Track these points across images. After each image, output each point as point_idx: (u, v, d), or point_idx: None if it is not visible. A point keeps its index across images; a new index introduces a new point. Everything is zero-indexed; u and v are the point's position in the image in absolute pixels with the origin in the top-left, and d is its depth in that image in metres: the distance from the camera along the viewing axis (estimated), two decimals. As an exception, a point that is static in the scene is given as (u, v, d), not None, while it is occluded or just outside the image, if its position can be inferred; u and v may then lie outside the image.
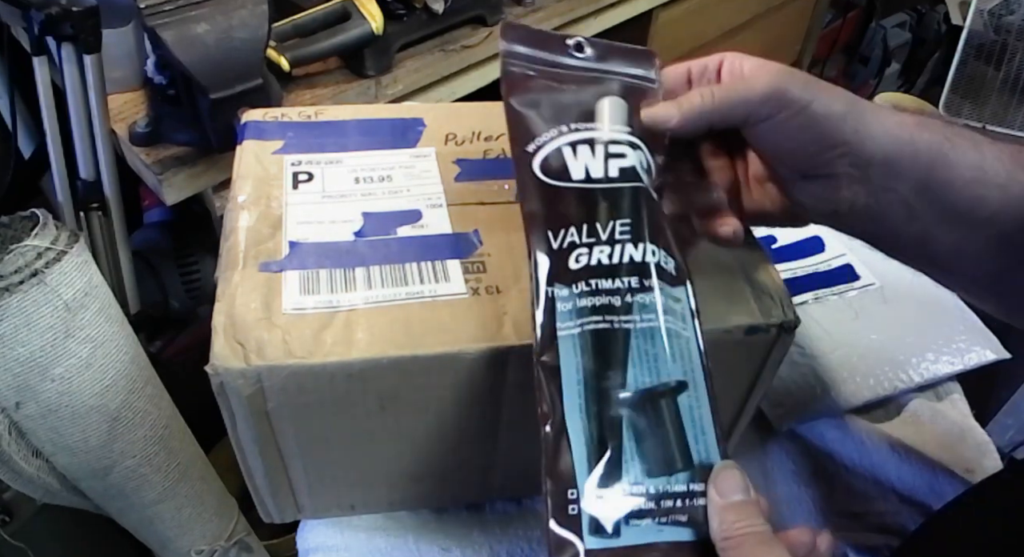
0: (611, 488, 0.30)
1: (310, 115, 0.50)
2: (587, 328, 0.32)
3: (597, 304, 0.33)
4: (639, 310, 0.33)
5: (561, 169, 0.36)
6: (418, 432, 0.42)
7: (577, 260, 0.34)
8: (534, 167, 0.36)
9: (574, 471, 0.30)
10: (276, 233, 0.41)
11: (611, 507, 0.30)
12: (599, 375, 0.32)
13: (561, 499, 0.30)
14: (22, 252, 0.55)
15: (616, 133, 0.37)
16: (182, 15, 0.69)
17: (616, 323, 0.32)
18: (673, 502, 0.30)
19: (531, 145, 0.37)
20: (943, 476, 0.57)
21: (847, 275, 0.68)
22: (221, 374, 0.35)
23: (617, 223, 0.34)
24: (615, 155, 0.36)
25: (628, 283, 0.33)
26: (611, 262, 0.33)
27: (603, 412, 0.31)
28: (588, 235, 0.34)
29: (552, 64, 0.39)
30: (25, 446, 0.63)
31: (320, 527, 0.50)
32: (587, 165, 0.36)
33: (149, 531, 0.76)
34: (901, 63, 2.08)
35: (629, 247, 0.34)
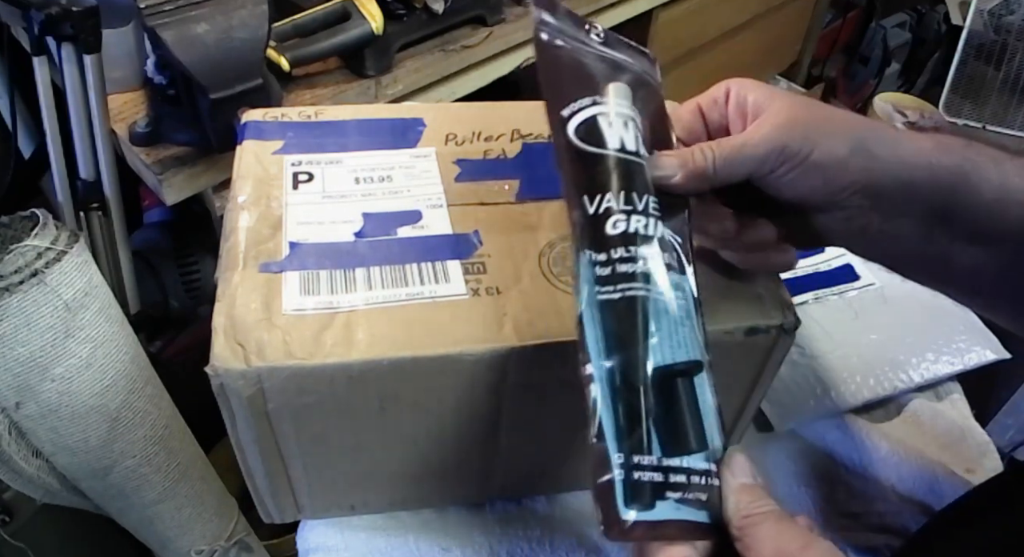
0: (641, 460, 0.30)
1: (310, 115, 0.49)
2: (627, 293, 0.32)
3: (636, 271, 0.32)
4: (672, 287, 0.33)
5: (596, 137, 0.36)
6: (418, 433, 0.42)
7: (615, 226, 0.33)
8: (569, 132, 0.36)
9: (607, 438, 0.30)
10: (276, 233, 0.41)
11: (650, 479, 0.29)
12: (629, 343, 0.31)
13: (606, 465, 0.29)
14: (22, 252, 0.55)
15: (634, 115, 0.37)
16: (182, 15, 0.69)
17: (651, 291, 0.32)
18: (690, 479, 0.30)
19: (566, 109, 0.36)
20: (943, 476, 0.57)
21: (847, 275, 0.68)
22: (221, 375, 0.35)
23: (649, 197, 0.34)
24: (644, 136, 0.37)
25: (660, 256, 0.33)
26: (647, 233, 0.33)
27: (628, 383, 0.31)
28: (625, 203, 0.34)
29: (576, 39, 0.39)
30: (25, 446, 0.63)
31: (320, 527, 0.50)
32: (622, 137, 0.36)
33: (149, 531, 0.76)
34: (901, 63, 2.08)
35: (659, 224, 0.34)
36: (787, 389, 0.59)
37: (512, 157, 0.48)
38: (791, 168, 0.35)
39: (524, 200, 0.45)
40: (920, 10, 2.06)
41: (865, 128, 0.36)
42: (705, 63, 1.48)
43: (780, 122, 0.36)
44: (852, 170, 0.35)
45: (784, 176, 0.36)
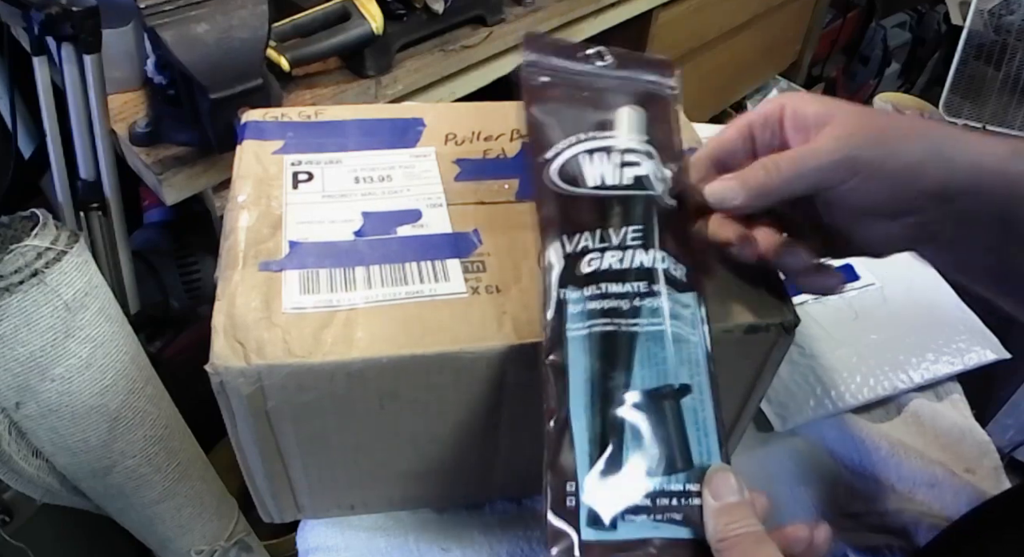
0: (610, 483, 0.31)
1: (310, 115, 0.50)
2: (595, 330, 0.33)
3: (606, 307, 0.34)
4: (647, 314, 0.34)
5: (577, 175, 0.37)
6: (418, 432, 0.42)
7: (589, 264, 0.35)
8: (551, 174, 0.37)
9: (575, 465, 0.31)
10: (276, 233, 0.41)
11: (609, 501, 0.30)
12: (605, 375, 0.33)
13: (560, 491, 0.30)
14: (22, 252, 0.55)
15: (633, 142, 0.38)
16: (182, 15, 0.69)
17: (623, 326, 0.33)
18: (670, 500, 0.31)
19: (549, 152, 0.38)
20: (943, 476, 0.57)
21: (847, 275, 0.68)
22: (221, 373, 0.35)
23: (629, 229, 0.35)
24: (630, 163, 0.37)
25: (636, 288, 0.34)
26: (621, 266, 0.34)
27: (607, 411, 0.32)
28: (601, 240, 0.35)
29: (572, 72, 0.40)
30: (25, 446, 0.63)
31: (320, 527, 0.50)
32: (602, 172, 0.37)
33: (149, 531, 0.76)
34: (901, 63, 2.09)
35: (639, 253, 0.35)
36: (787, 389, 0.59)
37: (512, 157, 0.48)
38: (863, 179, 0.34)
39: (524, 199, 0.45)
40: (920, 10, 2.06)
41: (939, 133, 0.35)
42: (705, 63, 1.48)
43: (850, 131, 0.34)
44: (928, 176, 0.34)
45: (857, 187, 0.34)
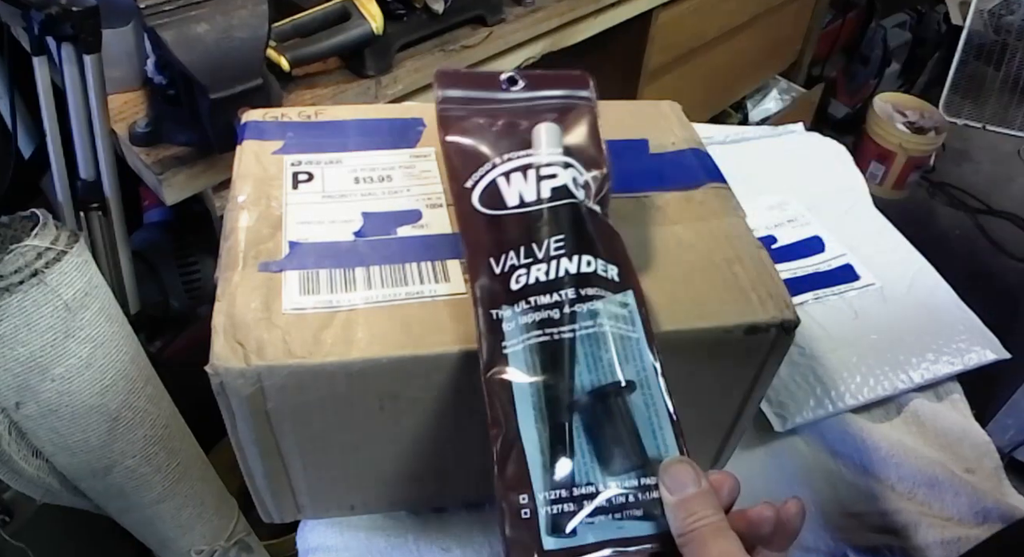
0: (566, 490, 0.31)
1: (310, 115, 0.49)
2: (530, 342, 0.34)
3: (538, 319, 0.34)
4: (581, 318, 0.34)
5: (497, 198, 0.38)
6: (418, 432, 0.42)
7: (517, 281, 0.35)
8: (473, 201, 0.39)
9: (528, 476, 0.31)
10: (276, 233, 0.41)
11: (566, 507, 0.31)
12: (548, 384, 0.33)
13: (515, 505, 0.31)
14: (22, 252, 0.55)
15: (550, 156, 0.39)
16: (182, 15, 0.69)
17: (557, 334, 0.34)
18: (627, 498, 0.31)
19: (469, 181, 0.39)
20: (943, 476, 0.57)
21: (847, 275, 0.68)
22: (221, 374, 0.35)
23: (551, 240, 0.36)
24: (546, 177, 0.38)
25: (565, 295, 0.35)
26: (548, 278, 0.35)
27: (555, 418, 0.32)
28: (526, 256, 0.36)
29: (487, 101, 0.42)
30: (25, 446, 0.63)
31: (320, 527, 0.50)
32: (520, 191, 0.38)
33: (149, 531, 0.76)
34: (901, 63, 2.09)
35: (564, 261, 0.35)
36: (787, 389, 0.59)
37: (512, 157, 0.48)
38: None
39: (524, 200, 0.45)
40: (920, 10, 2.06)
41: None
42: (705, 63, 1.48)
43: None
44: None
45: None
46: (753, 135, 0.85)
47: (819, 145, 0.85)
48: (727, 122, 1.74)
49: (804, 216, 0.73)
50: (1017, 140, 1.90)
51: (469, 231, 0.39)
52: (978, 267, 1.77)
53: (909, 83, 2.13)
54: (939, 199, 1.96)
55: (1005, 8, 1.72)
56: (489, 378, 0.34)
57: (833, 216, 0.74)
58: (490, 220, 0.38)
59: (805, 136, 0.86)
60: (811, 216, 0.73)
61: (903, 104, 1.91)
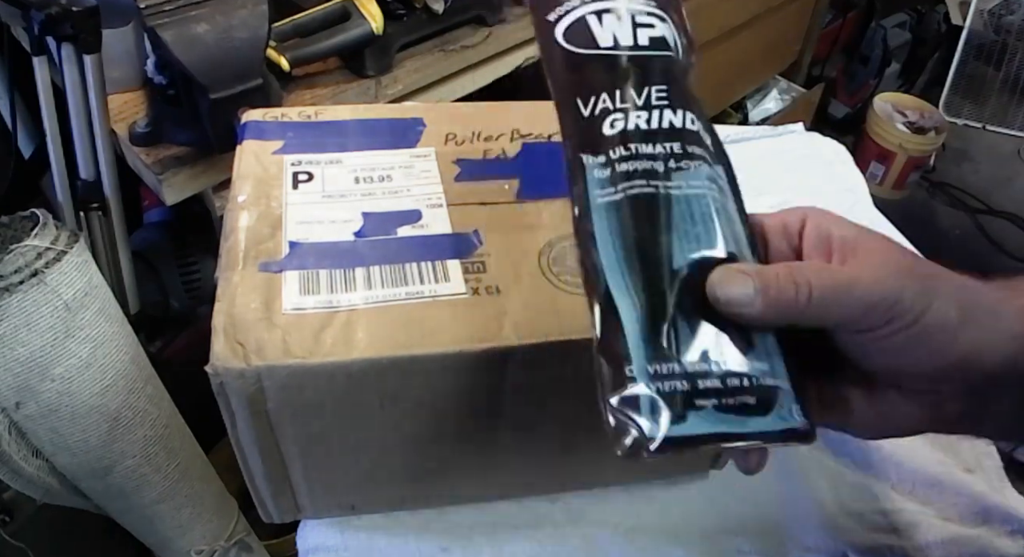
0: (672, 366, 0.28)
1: (310, 115, 0.49)
2: (629, 193, 0.30)
3: (639, 168, 0.30)
4: (683, 177, 0.31)
5: (587, 37, 0.33)
6: (418, 432, 0.42)
7: (612, 126, 0.31)
8: (557, 36, 0.34)
9: (628, 348, 0.28)
10: (276, 233, 0.41)
11: (675, 387, 0.27)
12: (643, 244, 0.30)
13: (619, 378, 0.27)
14: (22, 252, 0.55)
15: (645, 4, 0.35)
16: (182, 15, 0.69)
17: (661, 188, 0.30)
18: (741, 381, 0.28)
19: (552, 13, 0.34)
20: (943, 476, 0.57)
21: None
22: (221, 374, 0.35)
23: (653, 89, 0.32)
24: (644, 25, 0.34)
25: (670, 148, 0.31)
26: (650, 126, 0.31)
27: (653, 285, 0.29)
28: (622, 100, 0.32)
29: None
30: (25, 446, 0.63)
31: (320, 527, 0.50)
32: (615, 32, 0.33)
33: (149, 531, 0.76)
34: (901, 63, 2.09)
35: (668, 112, 0.32)
36: (787, 389, 0.59)
37: (512, 157, 0.48)
38: (900, 328, 0.28)
39: (524, 200, 0.45)
40: (920, 10, 2.06)
41: (970, 289, 0.30)
42: (705, 63, 1.48)
43: (894, 268, 0.29)
44: (962, 344, 0.29)
45: (885, 336, 0.29)
46: (753, 135, 0.85)
47: (819, 145, 0.84)
48: (727, 122, 1.74)
49: (804, 216, 0.73)
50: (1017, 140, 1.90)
51: (552, 69, 0.34)
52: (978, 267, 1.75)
53: (909, 83, 2.13)
54: (939, 199, 1.96)
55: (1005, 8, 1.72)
56: (579, 230, 0.30)
57: (833, 216, 0.74)
58: (576, 59, 0.33)
59: (805, 136, 0.86)
60: (811, 216, 0.73)
61: (903, 104, 1.91)
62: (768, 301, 0.28)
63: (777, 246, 0.33)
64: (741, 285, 0.29)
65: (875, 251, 0.30)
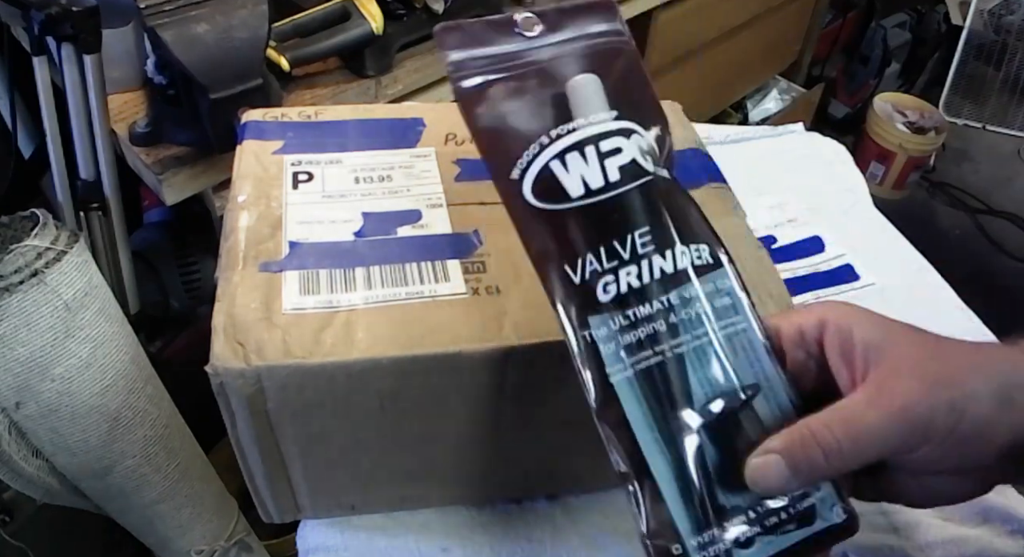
0: (714, 525, 0.29)
1: (310, 115, 0.49)
2: (640, 367, 0.30)
3: (642, 337, 0.30)
4: (687, 328, 0.30)
5: (556, 190, 0.31)
6: (418, 432, 0.42)
7: (606, 290, 0.30)
8: (526, 196, 0.32)
9: (673, 523, 0.29)
10: (276, 233, 0.41)
11: (720, 545, 0.29)
12: (667, 414, 0.30)
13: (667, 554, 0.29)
14: (22, 252, 0.55)
15: (601, 123, 0.32)
16: (182, 15, 0.69)
17: (667, 351, 0.30)
18: (779, 515, 0.30)
19: (514, 170, 0.32)
20: (943, 476, 0.57)
21: (847, 275, 0.68)
22: (221, 374, 0.35)
23: (636, 235, 0.31)
24: (609, 153, 0.32)
25: (667, 302, 0.31)
26: (642, 282, 0.30)
27: (682, 449, 0.29)
28: (609, 258, 0.31)
29: (504, 58, 0.33)
30: (25, 446, 0.63)
31: (320, 527, 0.50)
32: (583, 176, 0.31)
33: (149, 531, 0.76)
34: (901, 63, 2.08)
35: (657, 259, 0.31)
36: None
37: (512, 157, 0.48)
38: (935, 445, 0.28)
39: (524, 200, 0.45)
40: (920, 10, 2.06)
41: (1006, 370, 0.30)
42: (705, 63, 1.48)
43: (919, 386, 0.29)
44: (1000, 431, 0.29)
45: (923, 455, 0.29)
46: (753, 135, 0.85)
47: (819, 145, 0.84)
48: (727, 122, 1.74)
49: (804, 216, 0.73)
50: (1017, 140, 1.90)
51: (530, 235, 0.32)
52: (978, 267, 1.77)
53: (909, 83, 2.13)
54: (939, 199, 1.96)
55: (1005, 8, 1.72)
56: (603, 417, 0.30)
57: (833, 216, 0.74)
58: (552, 217, 0.31)
59: (805, 136, 0.86)
60: (811, 216, 0.73)
61: (903, 104, 1.91)
62: (802, 478, 0.29)
63: (793, 356, 0.32)
64: (776, 476, 0.29)
65: (902, 360, 0.29)
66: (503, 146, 0.32)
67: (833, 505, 0.31)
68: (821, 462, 0.28)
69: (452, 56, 0.33)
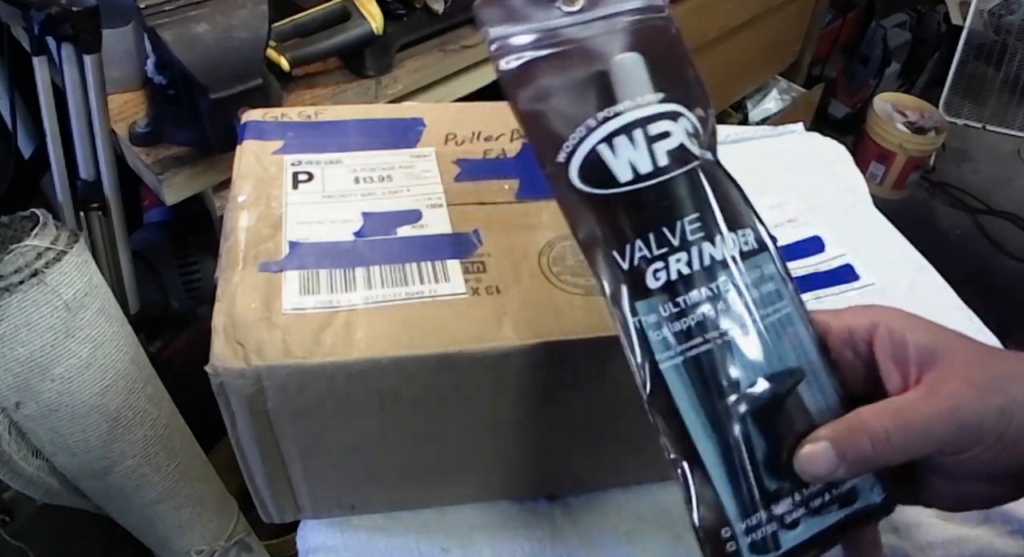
0: (761, 509, 0.30)
1: (310, 115, 0.49)
2: (689, 354, 0.30)
3: (691, 324, 0.30)
4: (734, 315, 0.31)
5: (605, 174, 0.31)
6: (418, 432, 0.42)
7: (656, 277, 0.30)
8: (572, 180, 0.31)
9: (722, 507, 0.30)
10: (276, 233, 0.41)
11: (767, 526, 0.30)
12: (714, 399, 0.30)
13: (719, 544, 0.29)
14: (22, 252, 0.55)
15: (648, 105, 0.31)
16: (182, 15, 0.69)
17: (716, 338, 0.30)
18: (823, 496, 0.31)
19: (560, 153, 0.31)
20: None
21: (847, 275, 0.68)
22: (221, 374, 0.35)
23: (685, 221, 0.31)
24: (657, 137, 0.31)
25: (715, 290, 0.30)
26: (692, 269, 0.30)
27: (730, 435, 0.30)
28: (659, 245, 0.30)
29: (545, 36, 0.32)
30: (25, 446, 0.63)
31: (320, 527, 0.50)
32: (631, 161, 0.31)
33: (149, 531, 0.76)
34: (901, 63, 2.08)
35: (706, 246, 0.31)
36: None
37: (512, 157, 0.48)
38: (983, 449, 0.29)
39: (524, 200, 0.45)
40: (920, 10, 2.06)
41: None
42: (705, 63, 1.48)
43: (970, 390, 0.29)
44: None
45: (968, 459, 0.29)
46: (753, 135, 0.85)
47: (819, 145, 0.84)
48: (727, 122, 1.74)
49: (804, 216, 0.73)
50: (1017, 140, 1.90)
51: (577, 220, 0.32)
52: (978, 267, 1.77)
53: (909, 83, 2.13)
54: (939, 199, 1.96)
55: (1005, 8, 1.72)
56: (653, 404, 0.30)
57: (833, 216, 0.74)
58: (600, 202, 0.31)
59: (805, 136, 0.86)
60: (811, 216, 0.73)
61: (903, 104, 1.91)
62: (849, 465, 0.30)
63: (841, 355, 0.33)
64: (824, 462, 0.30)
65: (954, 364, 0.30)
66: (548, 128, 0.32)
67: (873, 486, 0.32)
68: (868, 451, 0.29)
69: (492, 32, 0.32)
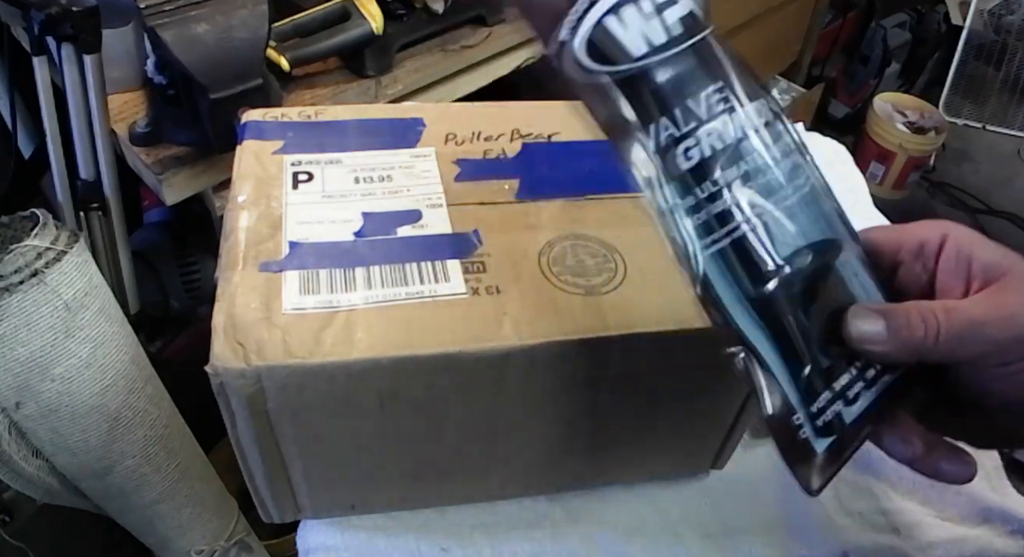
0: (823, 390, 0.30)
1: (310, 115, 0.50)
2: (735, 236, 0.28)
3: (728, 205, 0.28)
4: (765, 192, 0.29)
5: (616, 49, 0.28)
6: (418, 432, 0.42)
7: (687, 157, 0.28)
8: (579, 57, 0.28)
9: (784, 394, 0.29)
10: (276, 233, 0.41)
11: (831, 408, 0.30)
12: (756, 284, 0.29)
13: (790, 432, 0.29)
14: (22, 252, 0.55)
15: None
16: (182, 15, 0.69)
17: (750, 218, 0.28)
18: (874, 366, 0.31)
19: (563, 30, 0.28)
20: (943, 476, 0.57)
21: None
22: (221, 374, 0.35)
23: (710, 92, 0.28)
24: (665, 4, 0.28)
25: (744, 166, 0.28)
26: (724, 143, 0.28)
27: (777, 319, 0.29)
28: (685, 121, 0.28)
29: None
30: (25, 446, 0.63)
31: (320, 527, 0.50)
32: (643, 32, 0.28)
33: (149, 531, 0.76)
34: (901, 63, 2.08)
35: (737, 116, 0.29)
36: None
37: (512, 157, 0.48)
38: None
39: (524, 200, 0.45)
40: (920, 10, 2.06)
41: None
42: (705, 63, 1.48)
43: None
44: None
45: (1016, 373, 0.29)
46: (753, 135, 0.85)
47: (819, 145, 0.84)
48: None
49: (804, 216, 0.73)
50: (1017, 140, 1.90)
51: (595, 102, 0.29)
52: (978, 267, 1.77)
53: (909, 83, 2.13)
54: (939, 199, 1.96)
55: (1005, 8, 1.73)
56: (704, 298, 0.29)
57: (833, 216, 0.74)
58: (618, 83, 0.28)
59: (805, 136, 0.86)
60: (811, 216, 0.73)
61: (903, 104, 1.91)
62: (898, 341, 0.29)
63: (911, 268, 0.33)
64: (873, 322, 0.30)
65: (1017, 280, 0.30)
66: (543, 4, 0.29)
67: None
68: (920, 334, 0.29)
69: None
